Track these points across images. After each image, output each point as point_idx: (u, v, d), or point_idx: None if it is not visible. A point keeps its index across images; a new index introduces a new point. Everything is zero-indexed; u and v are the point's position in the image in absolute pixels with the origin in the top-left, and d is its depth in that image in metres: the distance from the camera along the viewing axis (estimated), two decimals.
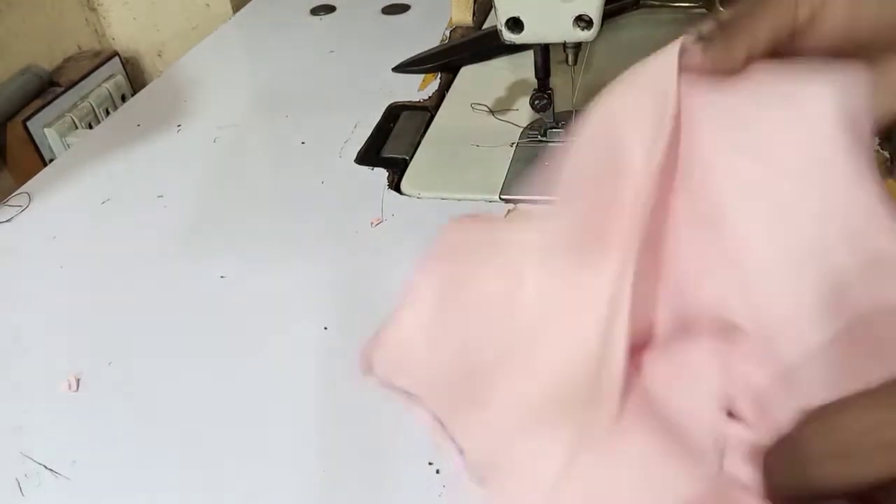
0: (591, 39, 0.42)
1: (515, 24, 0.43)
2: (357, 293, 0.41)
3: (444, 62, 0.63)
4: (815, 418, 0.18)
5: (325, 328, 0.39)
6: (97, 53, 0.89)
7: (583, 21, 0.42)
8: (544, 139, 0.50)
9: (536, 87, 0.47)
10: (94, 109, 0.83)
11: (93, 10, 0.91)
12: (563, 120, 0.49)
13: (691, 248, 0.26)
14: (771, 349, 0.23)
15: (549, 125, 0.50)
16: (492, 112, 0.54)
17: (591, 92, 0.59)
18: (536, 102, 0.48)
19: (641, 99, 0.26)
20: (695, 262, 0.26)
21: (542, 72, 0.47)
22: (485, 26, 0.68)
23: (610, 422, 0.24)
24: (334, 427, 0.34)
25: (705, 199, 0.25)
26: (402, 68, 0.63)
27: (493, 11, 0.46)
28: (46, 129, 0.78)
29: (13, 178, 0.79)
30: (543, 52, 0.46)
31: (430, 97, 0.59)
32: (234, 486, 0.32)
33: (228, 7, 0.86)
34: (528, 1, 0.42)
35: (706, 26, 0.25)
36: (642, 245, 0.25)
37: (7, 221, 0.50)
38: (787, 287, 0.23)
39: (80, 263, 0.45)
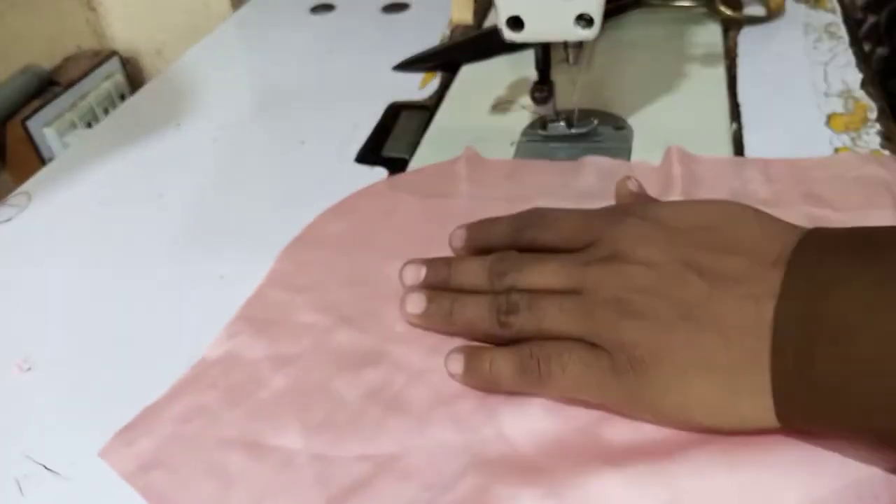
0: (592, 38, 0.42)
1: (516, 23, 0.43)
2: None
3: (445, 61, 0.63)
4: None
5: None
6: (96, 53, 0.89)
7: (584, 20, 0.42)
8: (544, 132, 0.50)
9: (537, 79, 0.47)
10: (93, 109, 0.83)
11: (92, 9, 0.91)
12: (563, 113, 0.49)
13: None
14: None
15: (549, 118, 0.49)
16: (492, 111, 0.54)
17: (593, 91, 0.59)
18: (537, 94, 0.47)
19: None
20: None
21: (543, 63, 0.46)
22: (485, 25, 0.68)
23: None
24: None
25: None
26: (402, 67, 0.63)
27: (493, 10, 0.45)
28: (46, 129, 0.78)
29: (12, 178, 0.79)
30: (544, 51, 0.46)
31: (430, 96, 0.59)
32: None
33: (228, 6, 0.86)
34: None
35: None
36: None
37: (6, 221, 0.50)
38: None
39: (80, 263, 0.45)
